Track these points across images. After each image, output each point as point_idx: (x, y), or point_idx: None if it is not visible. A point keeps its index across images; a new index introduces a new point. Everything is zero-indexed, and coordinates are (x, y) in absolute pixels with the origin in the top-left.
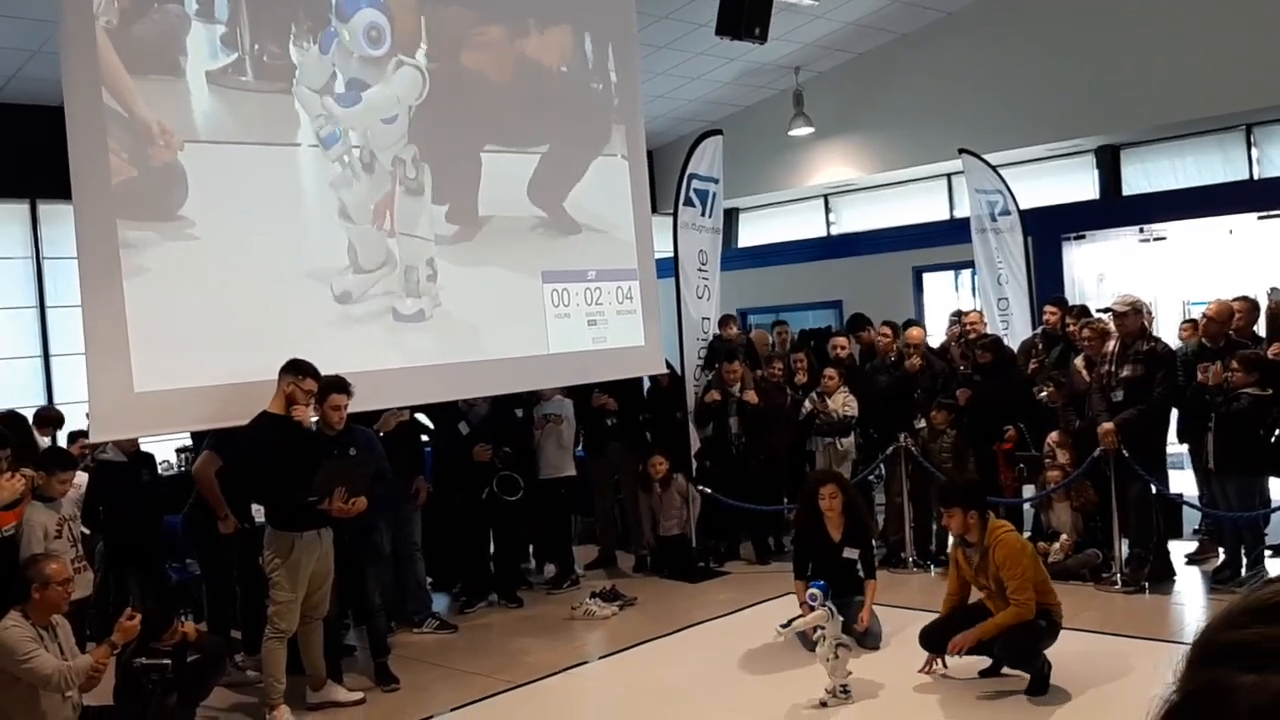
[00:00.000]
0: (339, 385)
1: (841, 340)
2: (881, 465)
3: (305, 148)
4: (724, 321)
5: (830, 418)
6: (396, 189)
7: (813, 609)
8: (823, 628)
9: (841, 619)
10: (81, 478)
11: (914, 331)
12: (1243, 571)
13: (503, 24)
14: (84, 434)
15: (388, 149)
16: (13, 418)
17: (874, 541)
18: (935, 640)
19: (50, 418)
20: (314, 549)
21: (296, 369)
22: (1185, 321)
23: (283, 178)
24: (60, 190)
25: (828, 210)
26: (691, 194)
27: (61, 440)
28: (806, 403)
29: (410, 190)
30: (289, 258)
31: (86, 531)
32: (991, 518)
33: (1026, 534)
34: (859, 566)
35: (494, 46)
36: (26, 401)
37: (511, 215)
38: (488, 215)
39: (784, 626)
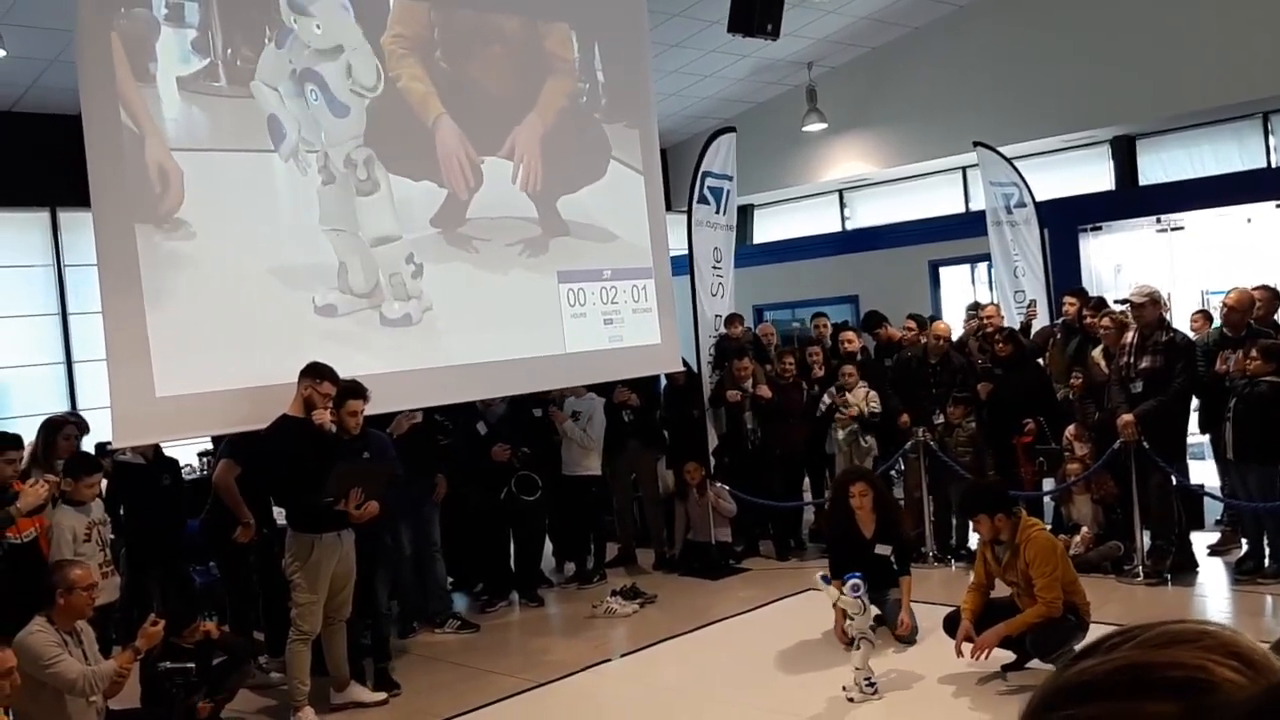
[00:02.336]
0: (356, 391)
1: (849, 335)
2: (899, 460)
3: (283, 158)
4: (730, 320)
5: (856, 411)
6: (353, 193)
7: (854, 599)
8: (852, 618)
9: (875, 610)
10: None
11: (940, 325)
12: (1266, 562)
13: (496, 23)
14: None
15: (340, 148)
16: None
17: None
18: (957, 627)
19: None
20: (334, 551)
21: (315, 372)
22: (1196, 312)
23: (265, 183)
24: (80, 198)
25: (842, 205)
26: (706, 191)
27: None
28: (826, 396)
29: (363, 192)
30: (279, 264)
31: (113, 536)
32: (1023, 516)
33: (1047, 527)
34: (893, 562)
35: (488, 50)
36: (50, 409)
37: (506, 217)
38: (491, 218)
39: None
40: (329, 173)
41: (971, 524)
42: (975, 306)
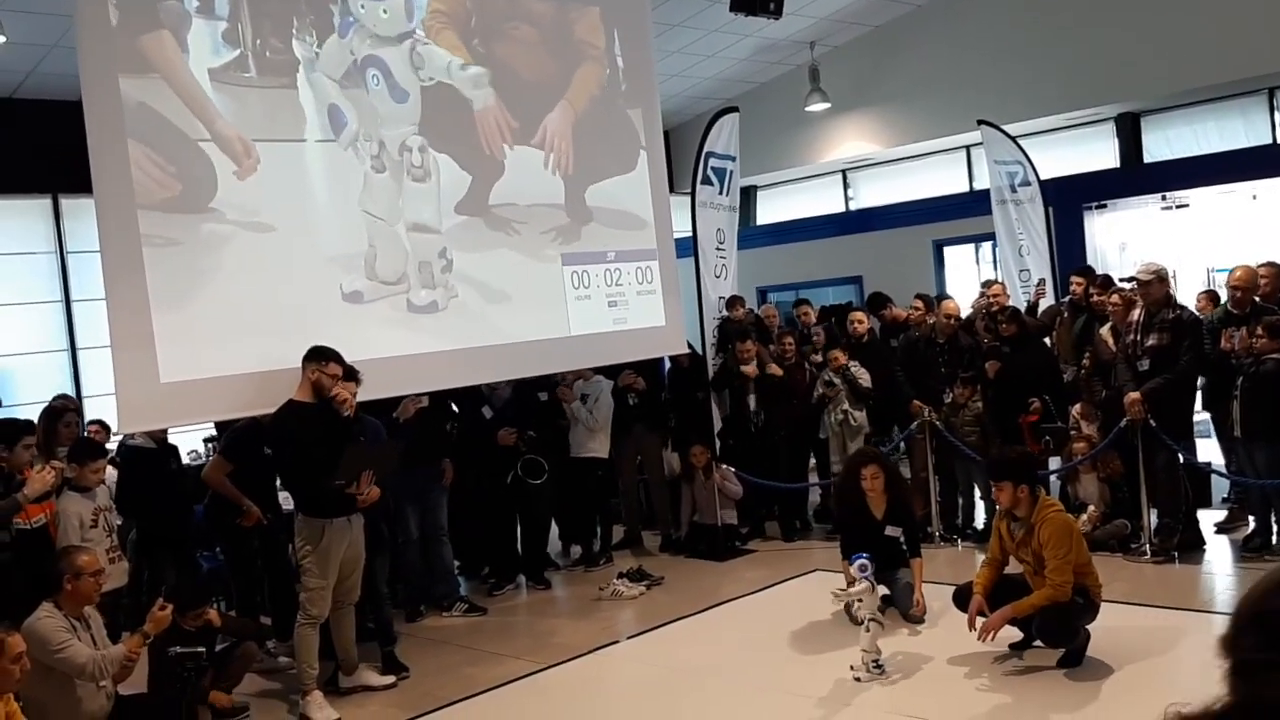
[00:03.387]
0: (348, 374)
1: (859, 315)
2: (902, 440)
3: (311, 143)
4: (731, 303)
5: (851, 383)
6: (404, 179)
7: (861, 580)
8: (860, 600)
9: (883, 590)
10: (112, 471)
11: (949, 304)
12: (1274, 539)
13: (528, 8)
14: (100, 422)
15: (396, 134)
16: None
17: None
18: (967, 600)
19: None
20: (344, 535)
21: (321, 355)
22: (1202, 293)
23: (295, 172)
24: (82, 184)
25: (846, 185)
26: (709, 172)
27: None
28: (818, 385)
29: (416, 178)
30: (306, 250)
31: (119, 521)
32: (1042, 494)
33: None
34: (903, 544)
35: (514, 35)
36: (54, 395)
37: (530, 205)
38: (505, 204)
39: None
40: (381, 161)
41: (994, 489)
42: (989, 284)
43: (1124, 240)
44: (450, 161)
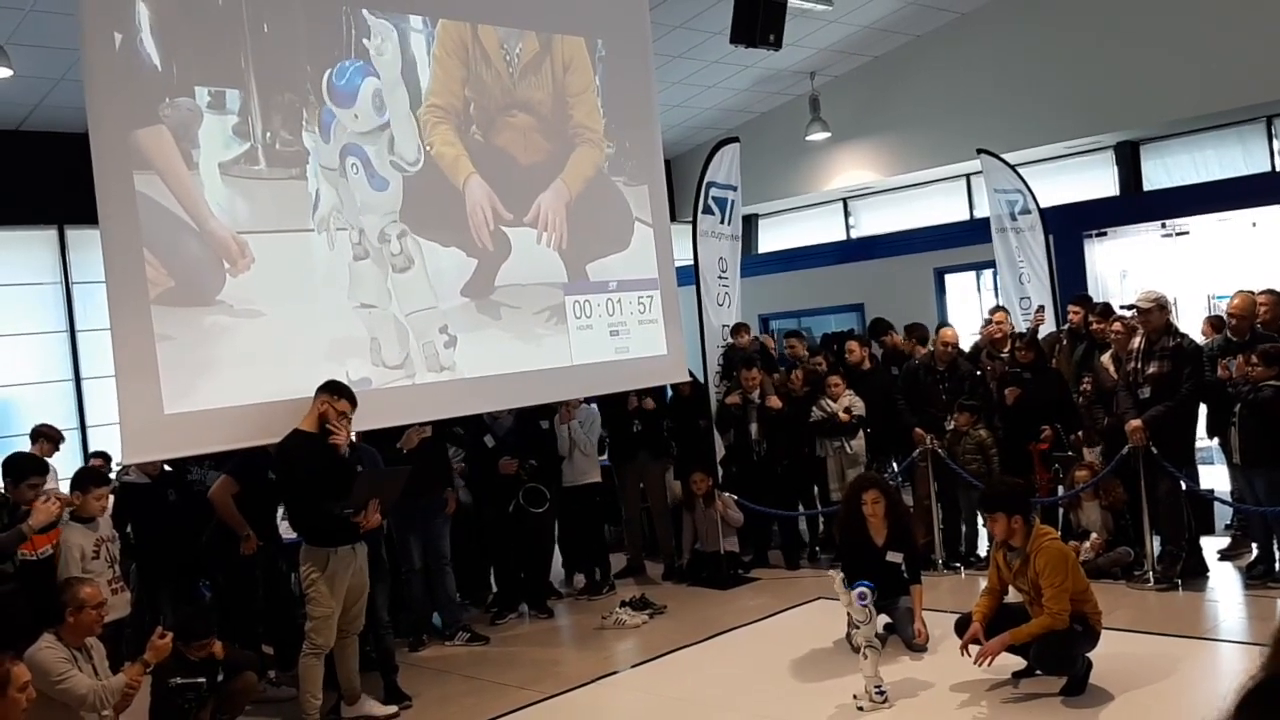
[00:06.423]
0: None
1: (853, 344)
2: (904, 468)
3: (318, 232)
4: (737, 330)
5: (842, 418)
6: (387, 268)
7: (859, 606)
8: (858, 626)
9: (883, 618)
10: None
11: (947, 332)
12: (1277, 566)
13: (525, 96)
14: (103, 454)
15: (375, 221)
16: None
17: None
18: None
19: (46, 434)
20: (349, 563)
21: (335, 389)
22: (1209, 317)
23: (303, 262)
24: (87, 215)
25: (847, 214)
26: (710, 202)
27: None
28: (815, 410)
29: (397, 268)
30: (323, 339)
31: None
32: (1037, 523)
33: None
34: (903, 570)
35: (512, 123)
36: (59, 425)
37: (542, 284)
38: (506, 285)
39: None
40: (362, 248)
41: (989, 521)
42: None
43: (1124, 268)
44: (437, 246)
